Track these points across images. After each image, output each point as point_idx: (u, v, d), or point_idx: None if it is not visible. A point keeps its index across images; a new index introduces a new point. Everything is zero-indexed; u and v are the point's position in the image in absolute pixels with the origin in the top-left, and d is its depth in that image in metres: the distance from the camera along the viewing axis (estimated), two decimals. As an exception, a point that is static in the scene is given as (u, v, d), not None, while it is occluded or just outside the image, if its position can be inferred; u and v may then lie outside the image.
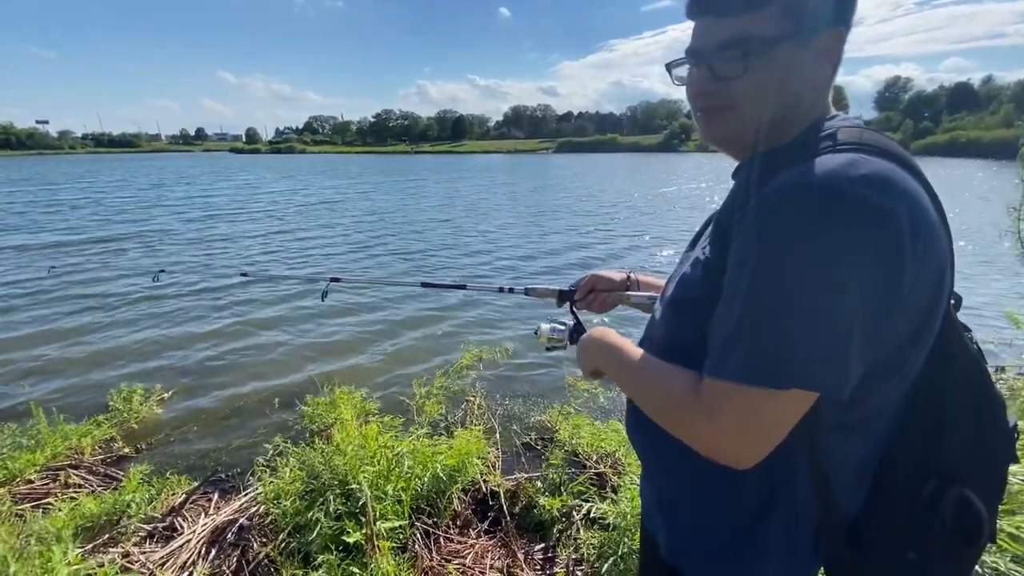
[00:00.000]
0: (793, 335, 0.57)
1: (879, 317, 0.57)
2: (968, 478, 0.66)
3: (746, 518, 0.72)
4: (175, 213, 15.43)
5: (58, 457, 2.91)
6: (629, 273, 1.21)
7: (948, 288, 0.64)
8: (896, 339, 0.60)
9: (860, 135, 0.64)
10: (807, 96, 0.69)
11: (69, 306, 6.32)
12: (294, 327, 5.64)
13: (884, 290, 0.56)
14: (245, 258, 9.46)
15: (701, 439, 0.64)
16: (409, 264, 8.88)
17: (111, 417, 3.45)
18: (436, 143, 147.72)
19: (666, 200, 19.63)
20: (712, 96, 0.71)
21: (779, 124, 0.69)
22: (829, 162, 0.59)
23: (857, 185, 0.56)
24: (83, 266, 8.50)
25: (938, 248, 0.60)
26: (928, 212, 0.60)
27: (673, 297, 0.78)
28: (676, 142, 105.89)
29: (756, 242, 0.60)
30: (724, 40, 0.67)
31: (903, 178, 0.59)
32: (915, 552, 0.68)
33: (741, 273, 0.60)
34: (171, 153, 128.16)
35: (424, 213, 14.79)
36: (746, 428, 0.60)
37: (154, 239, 11.11)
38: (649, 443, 0.85)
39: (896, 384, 0.65)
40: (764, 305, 0.58)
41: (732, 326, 0.61)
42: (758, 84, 0.67)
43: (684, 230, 12.43)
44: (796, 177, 0.59)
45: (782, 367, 0.57)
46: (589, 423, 3.11)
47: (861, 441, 0.68)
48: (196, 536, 2.24)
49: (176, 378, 4.37)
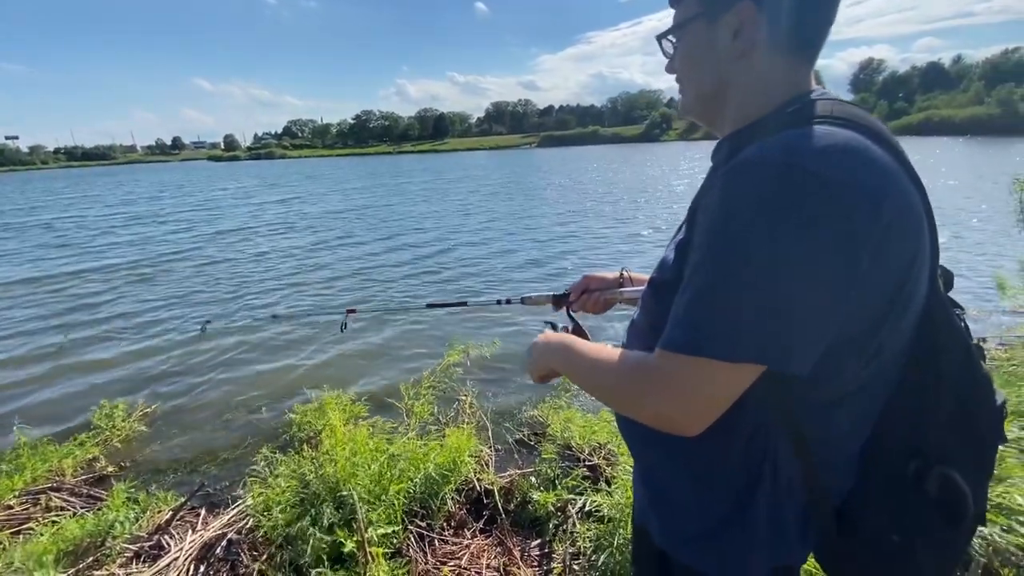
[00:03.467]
0: (741, 308, 0.57)
1: (835, 292, 0.56)
2: (953, 458, 0.65)
3: (733, 497, 0.71)
4: (135, 230, 15.12)
5: (38, 480, 2.83)
6: (622, 271, 1.21)
7: (927, 264, 0.63)
8: (861, 315, 0.60)
9: (831, 108, 0.63)
10: (742, 74, 0.71)
11: (45, 325, 6.16)
12: (278, 337, 5.55)
13: (840, 265, 0.55)
14: (210, 275, 9.27)
15: (646, 408, 0.65)
16: (414, 280, 8.31)
17: (93, 436, 3.36)
18: (418, 142, 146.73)
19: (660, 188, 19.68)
20: (675, 75, 0.83)
21: (723, 101, 0.75)
22: (790, 136, 0.60)
23: (813, 158, 0.56)
24: (60, 285, 8.29)
25: (911, 223, 0.60)
26: (898, 185, 0.59)
27: (652, 280, 0.79)
28: (657, 131, 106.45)
29: (713, 217, 0.60)
30: (669, 27, 0.79)
31: (868, 149, 0.58)
32: (899, 534, 0.67)
33: (699, 249, 0.62)
34: (146, 164, 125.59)
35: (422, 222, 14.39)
36: (692, 397, 0.61)
37: (122, 255, 10.87)
38: (635, 430, 0.85)
39: (870, 360, 0.63)
40: (715, 278, 0.59)
41: (684, 299, 0.62)
42: (684, 61, 0.79)
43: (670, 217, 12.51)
44: (755, 151, 0.60)
45: (729, 339, 0.57)
46: (580, 416, 3.10)
47: (846, 418, 0.68)
48: (184, 554, 2.18)
49: (159, 392, 4.28)
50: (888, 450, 0.68)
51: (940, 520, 0.65)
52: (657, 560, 0.81)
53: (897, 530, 0.67)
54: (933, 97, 77.57)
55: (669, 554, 0.79)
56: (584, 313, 1.26)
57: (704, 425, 0.62)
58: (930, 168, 21.04)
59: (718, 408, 0.61)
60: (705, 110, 0.80)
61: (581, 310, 1.24)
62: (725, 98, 0.75)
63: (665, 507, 0.81)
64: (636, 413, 0.68)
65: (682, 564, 0.78)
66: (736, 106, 0.73)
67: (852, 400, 0.66)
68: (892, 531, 0.67)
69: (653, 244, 9.83)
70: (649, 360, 0.65)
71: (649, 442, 0.82)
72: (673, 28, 0.78)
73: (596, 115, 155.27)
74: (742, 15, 0.68)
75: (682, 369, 0.60)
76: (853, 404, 0.67)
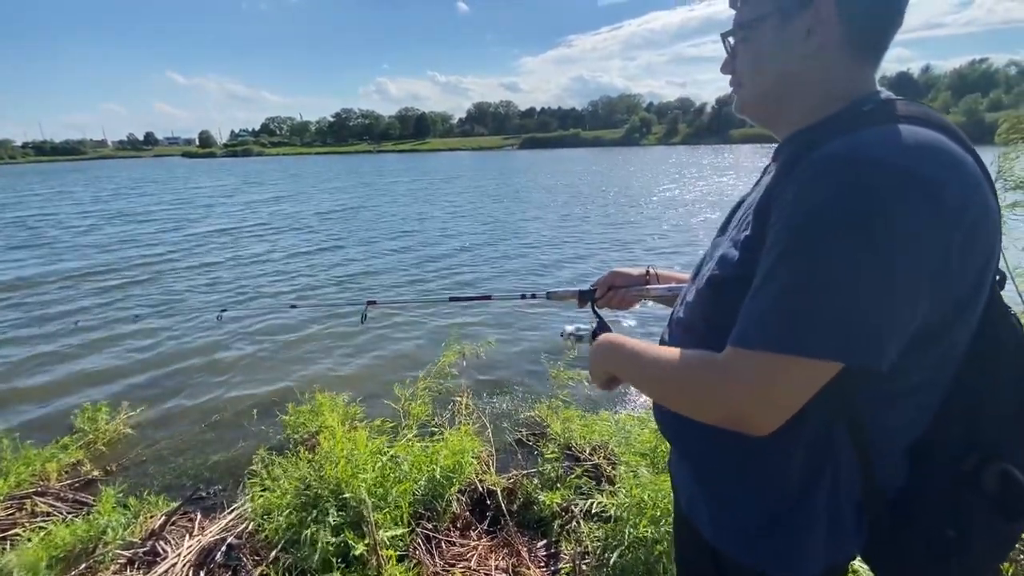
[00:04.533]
0: (825, 305, 0.56)
1: (922, 290, 0.56)
2: (1010, 453, 0.66)
3: (793, 493, 0.71)
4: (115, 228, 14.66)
5: (22, 485, 2.72)
6: (648, 268, 1.21)
7: (996, 263, 0.65)
8: (940, 311, 0.60)
9: (907, 108, 0.64)
10: (812, 72, 0.71)
11: (24, 327, 5.93)
12: (267, 337, 5.44)
13: (928, 263, 0.55)
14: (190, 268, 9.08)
15: (719, 407, 0.65)
16: (426, 276, 8.34)
17: (77, 439, 3.24)
18: (399, 142, 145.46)
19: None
20: (733, 74, 0.81)
21: (789, 99, 0.74)
22: (873, 134, 0.60)
23: (903, 156, 0.56)
24: (38, 287, 7.97)
25: (990, 221, 0.61)
26: (980, 186, 0.60)
27: (711, 278, 0.76)
28: (637, 135, 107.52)
29: (795, 213, 0.60)
30: (732, 26, 0.78)
31: (953, 150, 0.59)
32: (955, 528, 0.68)
33: (777, 246, 0.61)
34: (118, 160, 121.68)
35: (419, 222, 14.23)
36: (769, 395, 0.61)
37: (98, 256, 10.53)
38: (684, 426, 0.83)
39: (939, 356, 0.64)
40: (798, 277, 0.58)
41: (761, 297, 0.61)
42: (749, 59, 0.77)
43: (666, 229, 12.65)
44: (839, 148, 0.60)
45: (812, 335, 0.57)
46: (579, 415, 3.11)
47: (909, 413, 0.68)
48: (181, 560, 2.12)
49: (143, 394, 4.16)
50: (946, 444, 0.69)
51: (997, 515, 0.66)
52: (710, 557, 0.81)
53: (953, 525, 0.67)
54: (902, 106, 79.91)
55: (721, 551, 0.79)
56: (609, 311, 1.26)
57: (777, 424, 0.62)
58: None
59: (794, 406, 0.61)
60: (765, 109, 0.79)
61: (606, 306, 1.24)
62: (789, 97, 0.74)
63: (719, 503, 0.80)
64: (706, 413, 0.67)
65: (736, 562, 0.77)
66: (802, 105, 0.73)
67: (916, 393, 0.67)
68: (948, 526, 0.68)
69: (646, 250, 9.93)
70: (721, 358, 0.64)
71: (701, 437, 0.81)
72: (741, 25, 0.76)
73: (577, 118, 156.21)
74: (820, 13, 0.67)
75: (762, 366, 0.60)
76: (917, 397, 0.67)
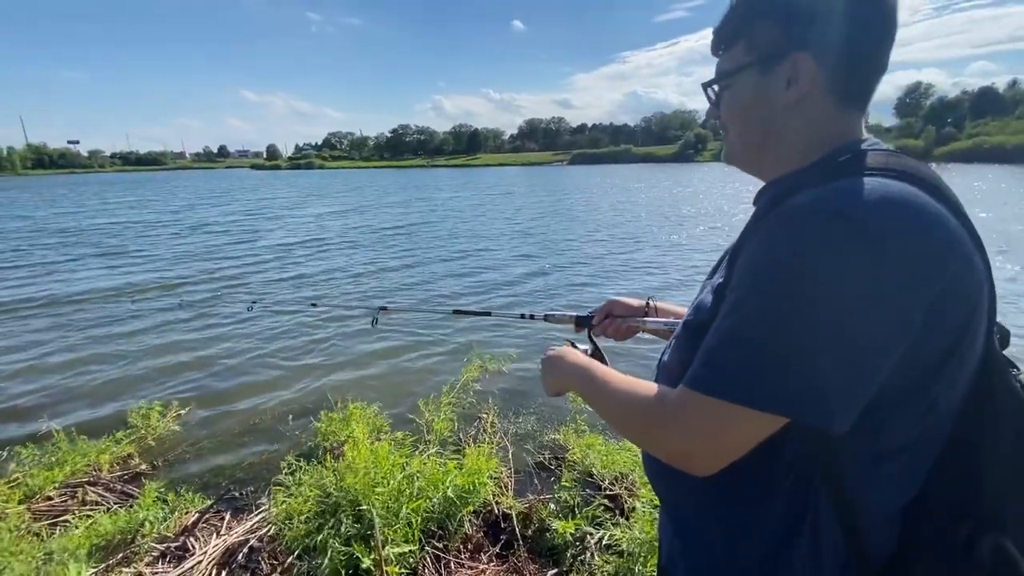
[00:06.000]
0: (772, 353, 0.56)
1: (877, 348, 0.55)
2: (1007, 520, 0.62)
3: (767, 553, 0.68)
4: (179, 233, 15.76)
5: (77, 474, 2.96)
6: (648, 300, 1.20)
7: (983, 319, 0.61)
8: (912, 370, 0.58)
9: (886, 159, 0.62)
10: (793, 122, 0.70)
11: (88, 325, 6.48)
12: (309, 344, 5.69)
13: (883, 321, 0.54)
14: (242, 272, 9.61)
15: (659, 443, 0.66)
16: (441, 287, 8.53)
17: (130, 434, 3.50)
18: (451, 157, 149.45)
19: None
20: (718, 121, 0.81)
21: (771, 148, 0.74)
22: (842, 186, 0.59)
23: (867, 209, 0.56)
24: (99, 286, 8.72)
25: (967, 276, 0.58)
26: (953, 237, 0.57)
27: (687, 322, 0.78)
28: (691, 152, 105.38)
29: (755, 261, 0.60)
30: (714, 75, 0.78)
31: (924, 203, 0.57)
32: None
33: (734, 291, 0.61)
34: (194, 171, 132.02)
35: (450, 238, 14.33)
36: (708, 438, 0.61)
37: (170, 260, 11.37)
38: (664, 475, 0.83)
39: (921, 417, 0.61)
40: (748, 321, 0.58)
41: (715, 340, 0.61)
42: (732, 109, 0.77)
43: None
44: (805, 199, 0.60)
45: (753, 385, 0.57)
46: (602, 442, 3.05)
47: (893, 475, 0.64)
48: (207, 558, 2.23)
49: (192, 394, 4.42)
50: (936, 512, 0.64)
51: None
52: None
53: None
54: (984, 123, 74.40)
55: None
56: (605, 339, 1.25)
57: (718, 467, 0.62)
58: (986, 195, 20.13)
59: (734, 453, 0.61)
60: (751, 158, 0.79)
61: (602, 335, 1.24)
62: (772, 145, 0.74)
63: (694, 557, 0.78)
64: (649, 446, 0.69)
65: None
66: (782, 153, 0.73)
67: (900, 456, 0.63)
68: None
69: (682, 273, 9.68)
70: (670, 395, 0.65)
71: (679, 488, 0.79)
72: (720, 76, 0.77)
73: (629, 134, 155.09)
74: (798, 65, 0.67)
75: (701, 409, 0.60)
76: (901, 460, 0.64)
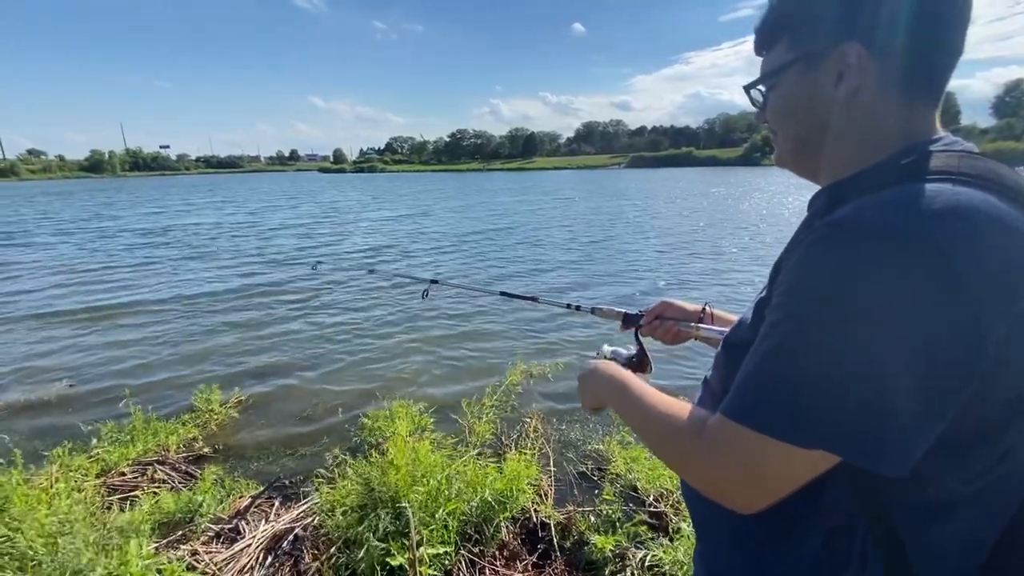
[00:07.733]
0: (819, 384, 0.50)
1: (937, 379, 0.47)
2: None
3: None
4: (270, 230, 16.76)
5: (148, 452, 3.19)
6: (704, 305, 1.11)
7: None
8: (980, 408, 0.49)
9: (957, 162, 0.53)
10: (847, 120, 0.63)
11: (166, 310, 7.03)
12: (367, 335, 5.93)
13: (944, 348, 0.47)
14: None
15: (692, 471, 0.62)
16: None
17: (194, 417, 3.74)
18: (507, 160, 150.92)
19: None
20: (767, 125, 0.75)
21: (826, 150, 0.67)
22: (894, 195, 0.53)
23: (922, 222, 0.48)
24: (175, 273, 9.44)
25: None
26: None
27: (726, 339, 0.73)
28: (758, 155, 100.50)
29: (794, 278, 0.54)
30: (759, 76, 0.73)
31: (1002, 215, 0.49)
32: None
33: (775, 310, 0.56)
34: (268, 173, 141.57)
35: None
36: (746, 474, 0.55)
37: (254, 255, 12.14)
38: (700, 509, 0.78)
39: (995, 464, 0.53)
40: (789, 344, 0.52)
41: (754, 366, 0.55)
42: (778, 111, 0.71)
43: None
44: (850, 212, 0.53)
45: (797, 419, 0.50)
46: (647, 456, 2.93)
47: (958, 529, 0.56)
48: (256, 542, 2.33)
49: (253, 382, 4.68)
50: (1015, 563, 0.56)
51: None
52: None
53: None
54: (1101, 124, 65.95)
55: None
56: (653, 340, 1.18)
57: (759, 505, 0.55)
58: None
59: (779, 492, 0.54)
60: (803, 162, 0.72)
61: (650, 335, 1.17)
62: (826, 147, 0.66)
63: None
64: (683, 473, 0.64)
65: None
66: (838, 156, 0.65)
67: (967, 508, 0.54)
68: None
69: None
70: (707, 422, 0.59)
71: (713, 525, 0.74)
72: (764, 77, 0.71)
73: (691, 136, 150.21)
74: (846, 56, 0.60)
75: (739, 442, 0.54)
76: (968, 512, 0.55)
